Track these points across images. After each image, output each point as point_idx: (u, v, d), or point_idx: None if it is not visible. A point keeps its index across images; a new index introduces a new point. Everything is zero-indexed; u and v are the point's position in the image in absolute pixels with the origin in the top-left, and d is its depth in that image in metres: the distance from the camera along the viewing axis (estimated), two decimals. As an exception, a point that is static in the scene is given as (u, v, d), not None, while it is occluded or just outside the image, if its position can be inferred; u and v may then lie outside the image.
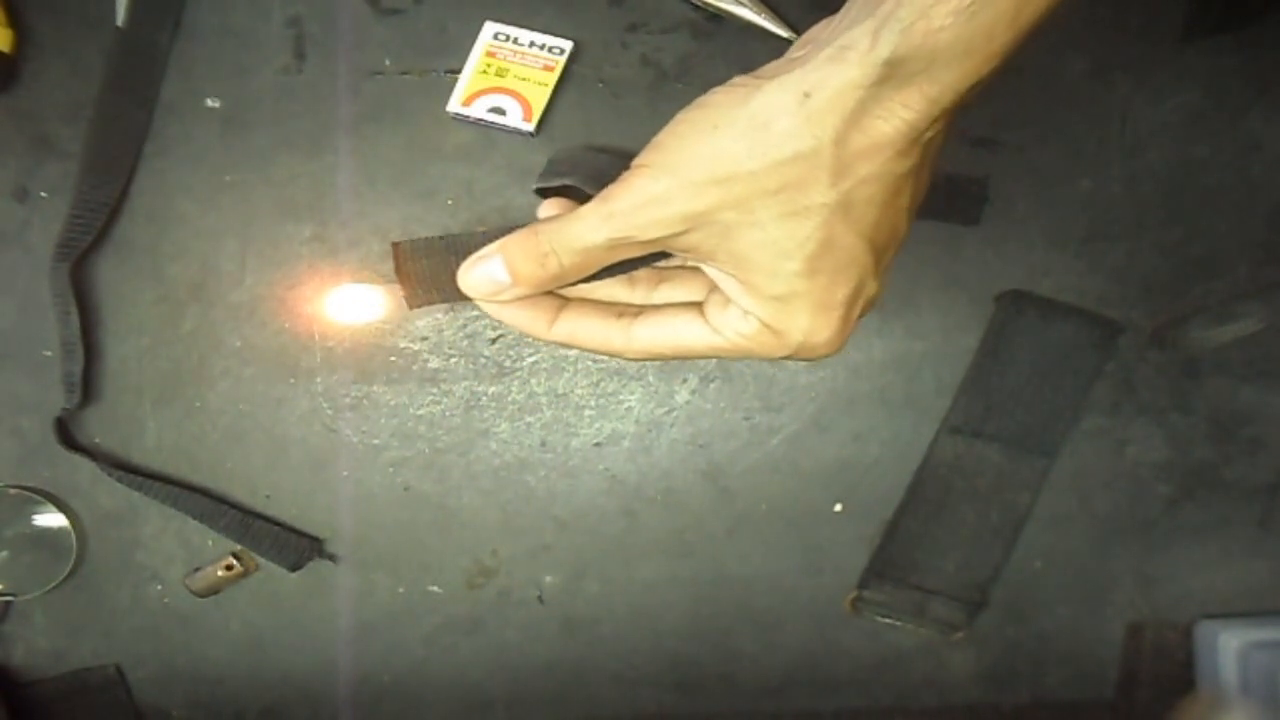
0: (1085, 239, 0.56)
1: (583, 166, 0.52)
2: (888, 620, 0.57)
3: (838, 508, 0.57)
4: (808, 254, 0.30)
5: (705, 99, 0.30)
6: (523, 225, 0.33)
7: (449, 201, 0.55)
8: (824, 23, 0.32)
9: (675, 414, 0.56)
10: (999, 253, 0.56)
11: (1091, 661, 0.58)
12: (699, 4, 0.55)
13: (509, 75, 0.54)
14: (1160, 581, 0.58)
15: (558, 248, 0.32)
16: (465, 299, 0.34)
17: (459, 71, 0.54)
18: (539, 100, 0.54)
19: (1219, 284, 0.56)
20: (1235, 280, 0.56)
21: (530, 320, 0.35)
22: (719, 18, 0.55)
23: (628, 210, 0.30)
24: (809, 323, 0.31)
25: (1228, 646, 0.55)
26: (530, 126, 0.54)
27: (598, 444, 0.56)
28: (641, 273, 0.35)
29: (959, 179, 0.56)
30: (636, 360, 0.38)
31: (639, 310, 0.35)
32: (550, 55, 0.54)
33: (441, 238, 0.34)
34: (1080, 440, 0.57)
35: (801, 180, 0.29)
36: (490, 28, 0.54)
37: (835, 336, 0.32)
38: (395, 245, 0.34)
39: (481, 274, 0.33)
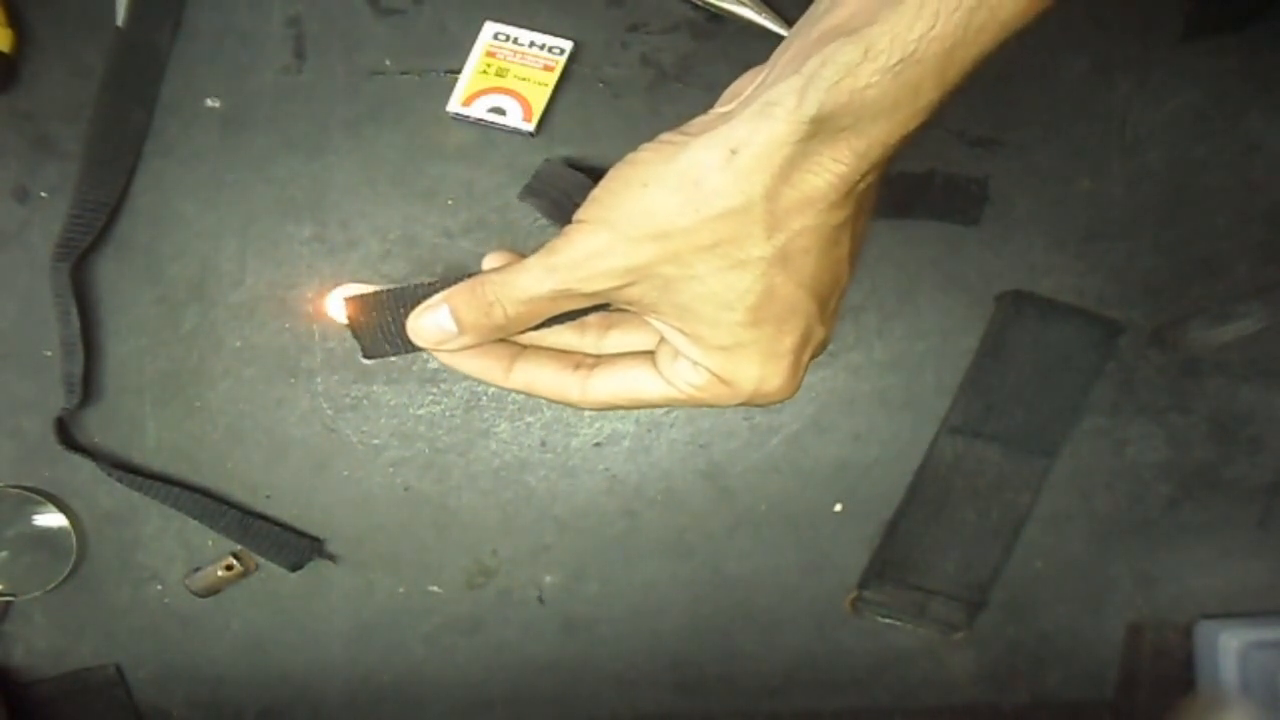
0: (1085, 239, 0.56)
1: (555, 189, 0.53)
2: (888, 620, 0.57)
3: (838, 508, 0.57)
4: (749, 305, 0.30)
5: (634, 155, 0.31)
6: (468, 276, 0.33)
7: (449, 201, 0.55)
8: (749, 74, 0.32)
9: (675, 414, 0.56)
10: (999, 253, 0.56)
11: (1091, 661, 0.58)
12: (699, 4, 0.55)
13: (509, 75, 0.54)
14: (1160, 581, 0.58)
15: (503, 298, 0.32)
16: (417, 349, 0.35)
17: (459, 71, 0.54)
18: (539, 100, 0.54)
19: (1219, 284, 0.56)
20: (1235, 280, 0.56)
21: (485, 368, 0.35)
22: (719, 18, 0.55)
23: (570, 264, 0.31)
24: (759, 371, 0.32)
25: (1228, 646, 0.55)
26: (530, 126, 0.54)
27: (598, 444, 0.56)
28: (591, 318, 0.36)
29: (959, 179, 0.56)
30: (592, 410, 0.38)
31: (595, 361, 0.36)
32: (550, 55, 0.54)
33: (390, 290, 0.35)
34: (1080, 440, 0.57)
35: (735, 235, 0.29)
36: (490, 28, 0.54)
37: (787, 383, 0.33)
38: (346, 300, 0.35)
39: (429, 323, 0.34)
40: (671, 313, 0.32)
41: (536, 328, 0.34)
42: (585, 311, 0.34)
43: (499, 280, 0.32)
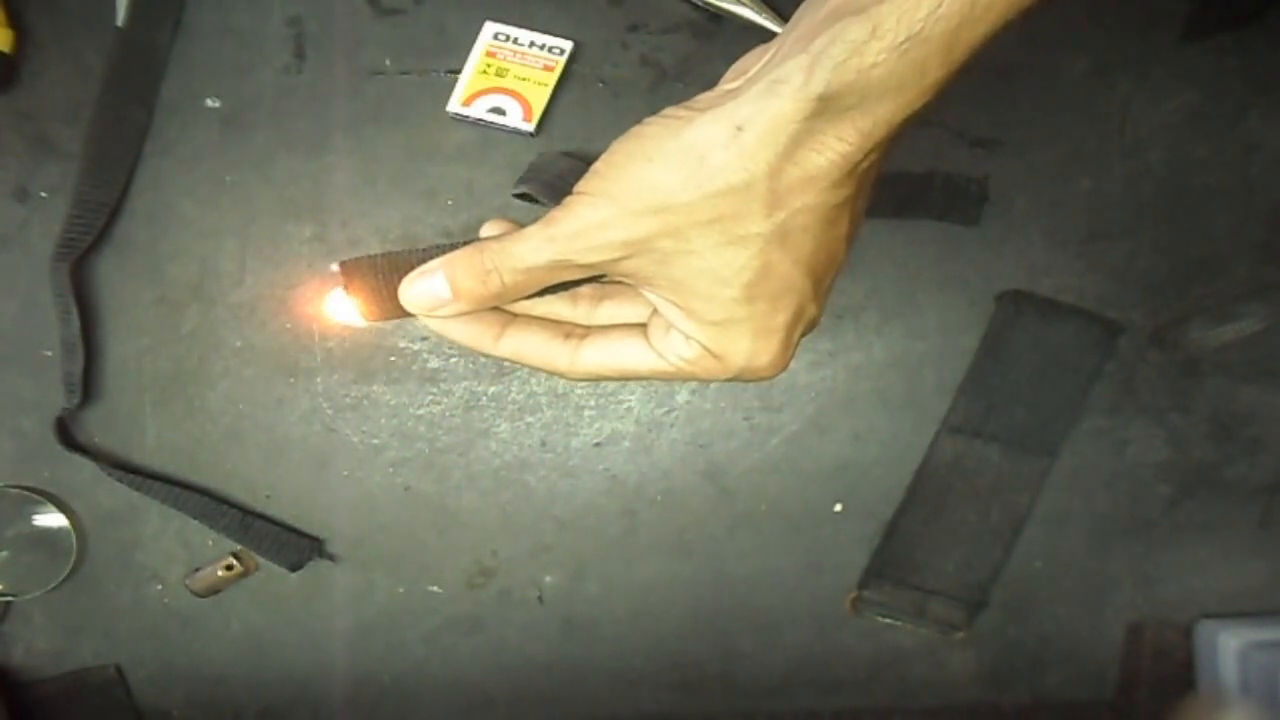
0: (1085, 239, 0.56)
1: (550, 172, 0.53)
2: (888, 620, 0.57)
3: (838, 508, 0.57)
4: (745, 281, 0.31)
5: (639, 129, 0.31)
6: (464, 244, 0.33)
7: (449, 202, 0.55)
8: (755, 52, 0.32)
9: (675, 414, 0.56)
10: (999, 253, 0.56)
11: (1091, 661, 0.58)
12: (699, 4, 0.55)
13: (509, 75, 0.54)
14: (1160, 581, 0.58)
15: (500, 266, 0.32)
16: (411, 314, 0.35)
17: (459, 71, 0.54)
18: (539, 100, 0.54)
19: (1219, 284, 0.56)
20: (1235, 280, 0.56)
21: (475, 335, 0.35)
22: (719, 18, 0.55)
23: (569, 235, 0.31)
24: (750, 347, 0.32)
25: (1228, 646, 0.55)
26: (530, 126, 0.54)
27: (598, 444, 0.56)
28: (584, 289, 0.36)
29: (959, 179, 0.56)
30: (580, 381, 0.38)
31: (585, 331, 0.36)
32: (550, 55, 0.54)
33: (385, 255, 0.35)
34: (1080, 440, 0.57)
35: (736, 212, 0.29)
36: (490, 28, 0.54)
37: (777, 359, 0.33)
38: (342, 264, 0.35)
39: (423, 289, 0.34)
40: (667, 286, 0.32)
41: (530, 297, 0.34)
42: (580, 282, 0.34)
43: (497, 248, 0.32)
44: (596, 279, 0.34)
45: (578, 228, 0.31)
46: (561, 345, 0.35)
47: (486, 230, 0.36)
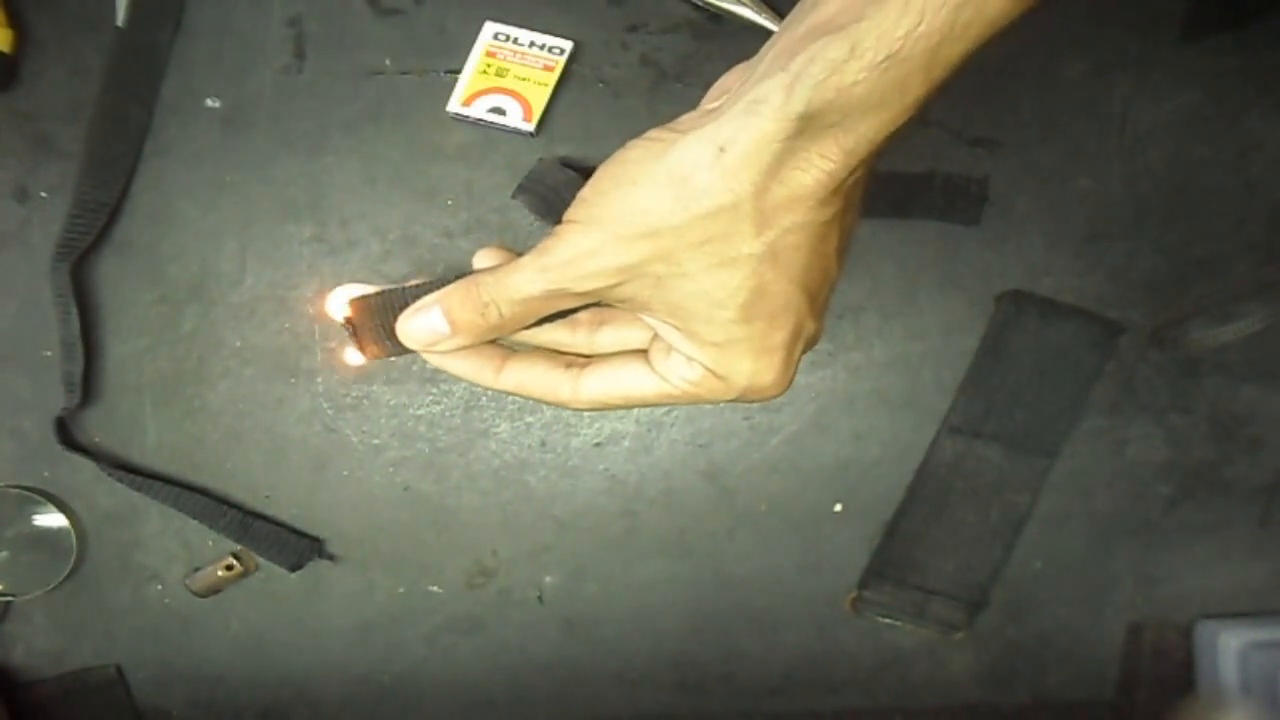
0: (1085, 239, 0.56)
1: (545, 185, 0.53)
2: (888, 620, 0.57)
3: (838, 508, 0.57)
4: (740, 302, 0.31)
5: (623, 153, 0.31)
6: (458, 277, 0.33)
7: (449, 202, 0.55)
8: (736, 70, 0.32)
9: (675, 414, 0.56)
10: (999, 253, 0.56)
11: (1091, 661, 0.58)
12: (699, 4, 0.55)
13: (509, 75, 0.54)
14: (1160, 581, 0.58)
15: (497, 298, 0.32)
16: (409, 350, 0.35)
17: (459, 71, 0.54)
18: (539, 100, 0.54)
19: (1219, 284, 0.56)
20: (1235, 280, 0.56)
21: (476, 369, 0.35)
22: (719, 18, 0.55)
23: (562, 264, 0.31)
24: (752, 366, 0.32)
25: (1228, 646, 0.55)
26: (530, 126, 0.54)
27: (598, 444, 0.56)
28: (583, 316, 0.36)
29: (959, 179, 0.56)
30: (585, 410, 0.39)
31: (586, 361, 0.36)
32: (550, 55, 0.54)
33: (380, 293, 0.35)
34: (1080, 440, 0.57)
35: (725, 233, 0.29)
36: (490, 28, 0.54)
37: (780, 378, 0.33)
38: (350, 303, 0.35)
39: (420, 324, 0.34)
40: (664, 310, 0.32)
41: (528, 326, 0.34)
42: (577, 309, 0.34)
43: (493, 280, 0.32)
44: (594, 305, 0.34)
45: (570, 256, 0.31)
46: (563, 375, 0.35)
47: (479, 261, 0.36)
